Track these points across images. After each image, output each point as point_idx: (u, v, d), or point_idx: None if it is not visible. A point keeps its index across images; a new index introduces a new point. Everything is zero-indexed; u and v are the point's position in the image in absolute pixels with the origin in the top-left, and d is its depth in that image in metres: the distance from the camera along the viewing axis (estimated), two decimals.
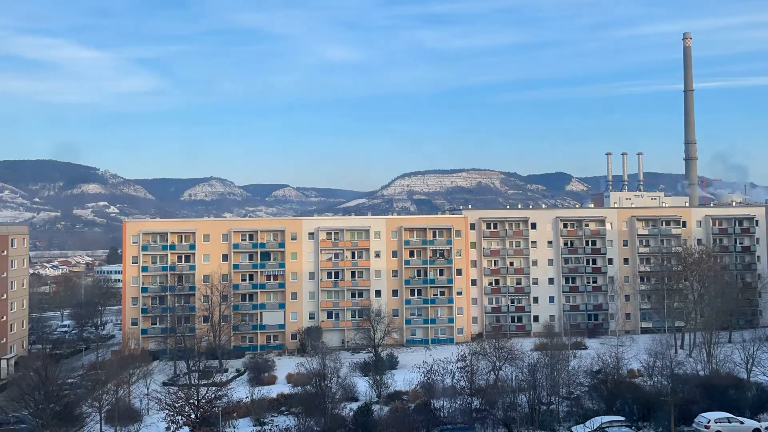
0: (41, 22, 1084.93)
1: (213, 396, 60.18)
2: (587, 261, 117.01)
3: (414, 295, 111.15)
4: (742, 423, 57.52)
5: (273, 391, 73.89)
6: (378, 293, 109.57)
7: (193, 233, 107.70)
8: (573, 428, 58.10)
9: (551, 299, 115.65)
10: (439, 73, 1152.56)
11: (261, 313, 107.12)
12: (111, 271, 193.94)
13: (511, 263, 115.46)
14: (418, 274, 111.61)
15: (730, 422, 56.89)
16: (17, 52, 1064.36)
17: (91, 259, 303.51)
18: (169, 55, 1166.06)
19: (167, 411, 58.13)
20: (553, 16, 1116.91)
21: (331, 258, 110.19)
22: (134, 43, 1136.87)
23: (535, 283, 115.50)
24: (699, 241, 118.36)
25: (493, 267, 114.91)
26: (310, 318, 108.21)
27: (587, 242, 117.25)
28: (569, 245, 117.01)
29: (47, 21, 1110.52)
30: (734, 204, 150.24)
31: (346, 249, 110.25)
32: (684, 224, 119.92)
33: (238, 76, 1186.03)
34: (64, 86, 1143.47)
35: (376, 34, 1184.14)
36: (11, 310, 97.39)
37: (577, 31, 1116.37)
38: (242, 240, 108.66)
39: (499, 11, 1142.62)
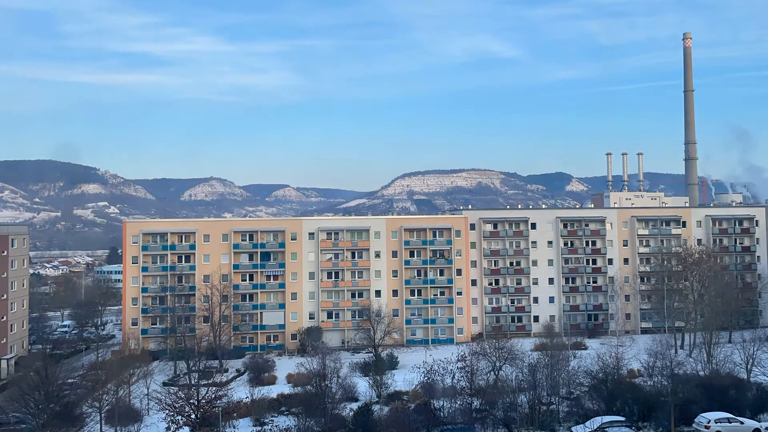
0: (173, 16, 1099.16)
1: (213, 396, 60.20)
2: (587, 261, 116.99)
3: (414, 295, 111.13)
4: (742, 423, 57.56)
5: (273, 391, 73.92)
6: (378, 293, 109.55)
7: (193, 233, 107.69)
8: (573, 428, 58.15)
9: (551, 299, 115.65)
10: (438, 75, 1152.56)
11: (261, 313, 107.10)
12: (111, 271, 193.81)
13: (511, 263, 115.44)
14: (418, 274, 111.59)
15: (730, 422, 56.92)
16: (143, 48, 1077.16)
17: (91, 259, 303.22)
18: (301, 49, 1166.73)
19: (167, 411, 58.18)
20: (552, 16, 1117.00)
21: (331, 258, 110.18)
22: (269, 36, 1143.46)
23: (535, 283, 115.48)
24: (699, 241, 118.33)
25: (493, 267, 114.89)
26: (310, 318, 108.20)
27: (587, 242, 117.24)
28: (569, 245, 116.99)
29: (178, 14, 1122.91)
30: (734, 204, 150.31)
31: (346, 249, 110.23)
32: (684, 224, 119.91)
33: (356, 71, 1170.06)
34: (186, 82, 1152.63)
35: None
36: (11, 310, 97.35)
37: (576, 31, 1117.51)
38: (242, 240, 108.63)
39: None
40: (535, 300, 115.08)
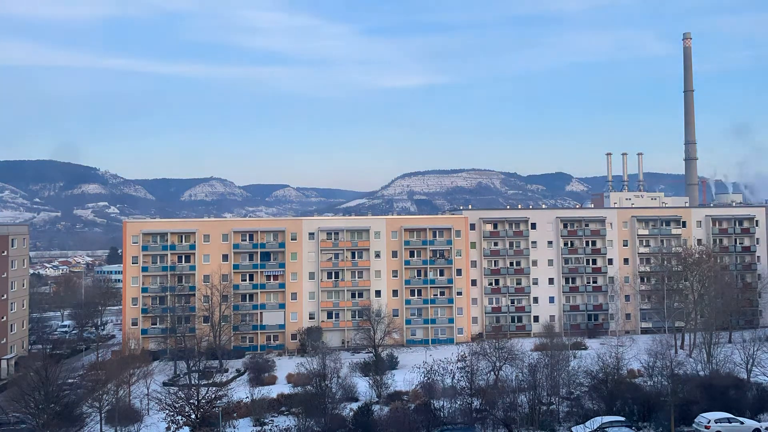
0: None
1: (213, 396, 60.25)
2: (587, 261, 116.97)
3: (414, 296, 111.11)
4: (742, 423, 57.57)
5: (273, 391, 73.92)
6: (378, 293, 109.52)
7: (194, 233, 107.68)
8: (573, 428, 58.15)
9: (551, 299, 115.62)
10: (438, 72, 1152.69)
11: (261, 313, 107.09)
12: (111, 271, 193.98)
13: (511, 263, 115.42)
14: (418, 275, 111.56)
15: (730, 422, 56.93)
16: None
17: (91, 259, 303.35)
18: (436, 45, 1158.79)
19: (167, 411, 58.20)
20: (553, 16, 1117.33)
21: (331, 258, 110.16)
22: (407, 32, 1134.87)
23: (535, 283, 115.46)
24: (699, 241, 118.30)
25: (493, 267, 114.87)
26: (310, 318, 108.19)
27: (587, 242, 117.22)
28: (569, 245, 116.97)
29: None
30: (734, 204, 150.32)
31: (346, 249, 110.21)
32: (684, 224, 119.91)
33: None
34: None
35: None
36: (11, 310, 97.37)
37: (576, 30, 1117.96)
38: (242, 240, 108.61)
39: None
40: (535, 300, 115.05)
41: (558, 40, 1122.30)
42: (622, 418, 58.52)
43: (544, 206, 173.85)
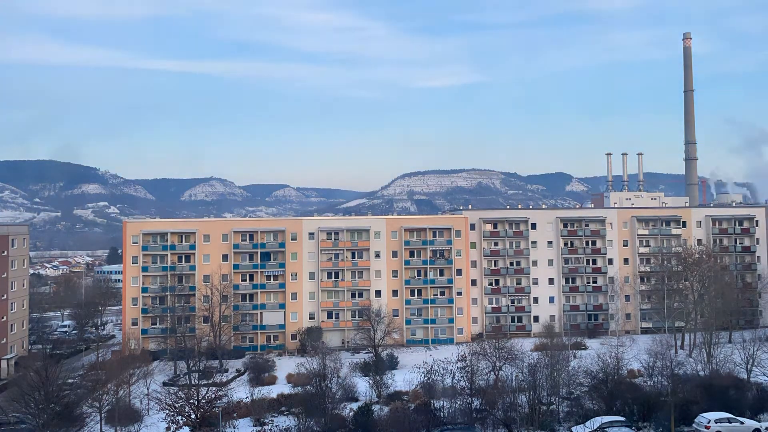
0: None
1: (213, 396, 60.21)
2: (587, 261, 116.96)
3: (414, 296, 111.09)
4: (742, 423, 57.58)
5: (273, 391, 73.94)
6: (378, 293, 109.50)
7: (194, 233, 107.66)
8: (573, 428, 58.16)
9: (551, 299, 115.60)
10: (444, 72, 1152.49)
11: (261, 313, 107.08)
12: (111, 271, 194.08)
13: (511, 263, 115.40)
14: (418, 275, 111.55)
15: (730, 422, 56.94)
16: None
17: (91, 259, 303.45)
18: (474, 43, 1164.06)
19: (167, 411, 58.16)
20: (557, 16, 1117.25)
21: (331, 258, 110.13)
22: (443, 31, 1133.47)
23: (535, 283, 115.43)
24: (699, 241, 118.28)
25: (493, 267, 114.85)
26: (310, 318, 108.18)
27: (587, 242, 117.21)
28: (569, 245, 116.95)
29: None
30: (734, 204, 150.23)
31: (346, 249, 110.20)
32: (684, 224, 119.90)
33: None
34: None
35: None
36: (11, 310, 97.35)
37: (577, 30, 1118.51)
38: (242, 240, 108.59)
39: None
40: (535, 300, 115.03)
41: (558, 42, 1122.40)
42: (622, 418, 58.53)
43: (544, 206, 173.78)
